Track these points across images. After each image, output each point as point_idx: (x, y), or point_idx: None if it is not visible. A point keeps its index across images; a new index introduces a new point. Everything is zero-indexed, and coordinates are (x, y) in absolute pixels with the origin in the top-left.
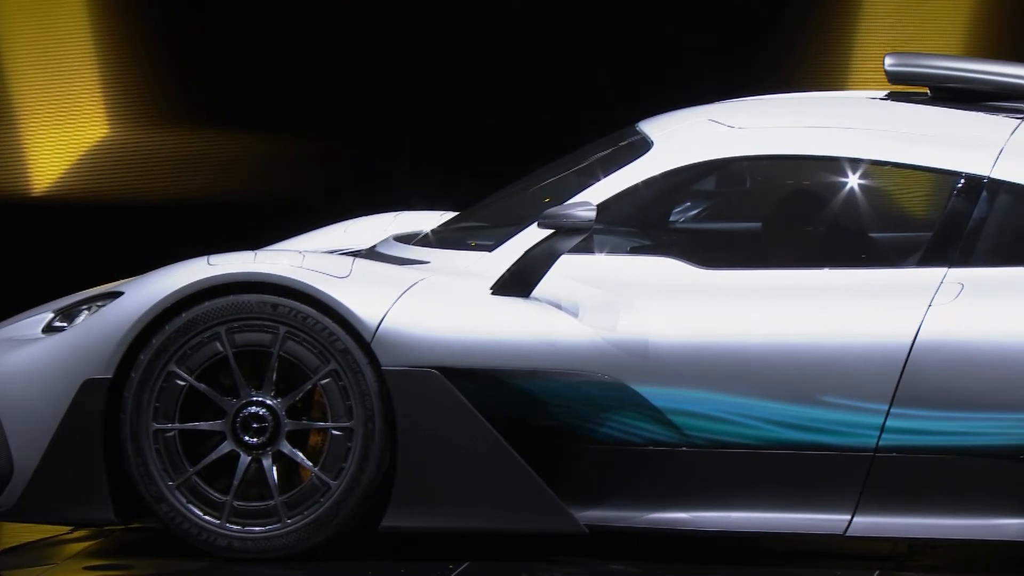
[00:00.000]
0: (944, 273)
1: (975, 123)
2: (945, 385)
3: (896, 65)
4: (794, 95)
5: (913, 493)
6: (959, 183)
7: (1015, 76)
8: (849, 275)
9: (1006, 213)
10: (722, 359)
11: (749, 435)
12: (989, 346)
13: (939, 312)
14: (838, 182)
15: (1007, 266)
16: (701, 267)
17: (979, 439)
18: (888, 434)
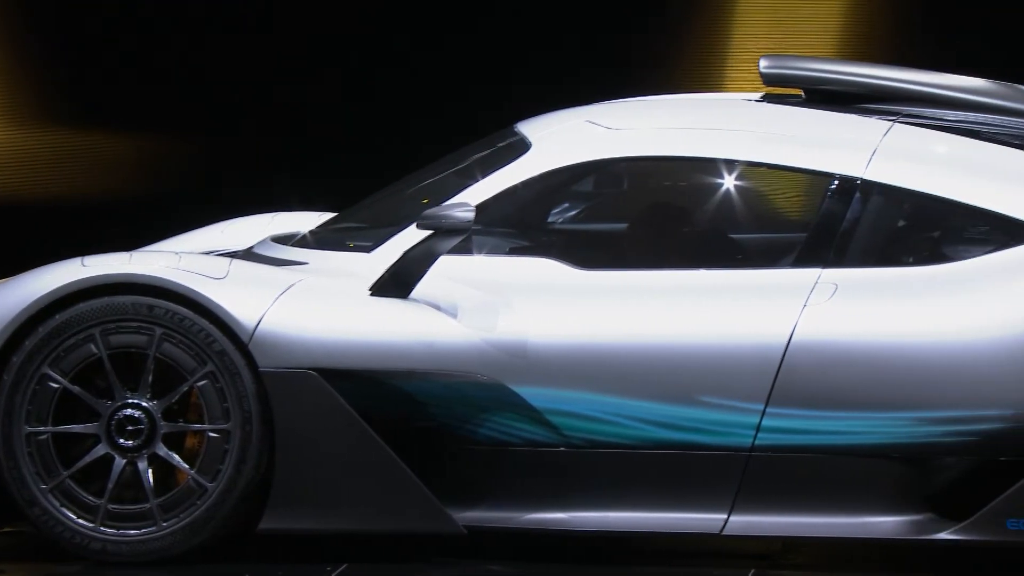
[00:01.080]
0: (819, 274)
1: (849, 125)
2: (819, 385)
3: (771, 67)
4: (671, 97)
5: (788, 492)
6: (833, 184)
7: (887, 79)
8: (725, 276)
9: (879, 214)
10: (600, 359)
11: (627, 435)
12: (862, 346)
13: (813, 312)
14: (714, 183)
15: (880, 266)
16: (579, 268)
17: (852, 438)
18: (763, 433)
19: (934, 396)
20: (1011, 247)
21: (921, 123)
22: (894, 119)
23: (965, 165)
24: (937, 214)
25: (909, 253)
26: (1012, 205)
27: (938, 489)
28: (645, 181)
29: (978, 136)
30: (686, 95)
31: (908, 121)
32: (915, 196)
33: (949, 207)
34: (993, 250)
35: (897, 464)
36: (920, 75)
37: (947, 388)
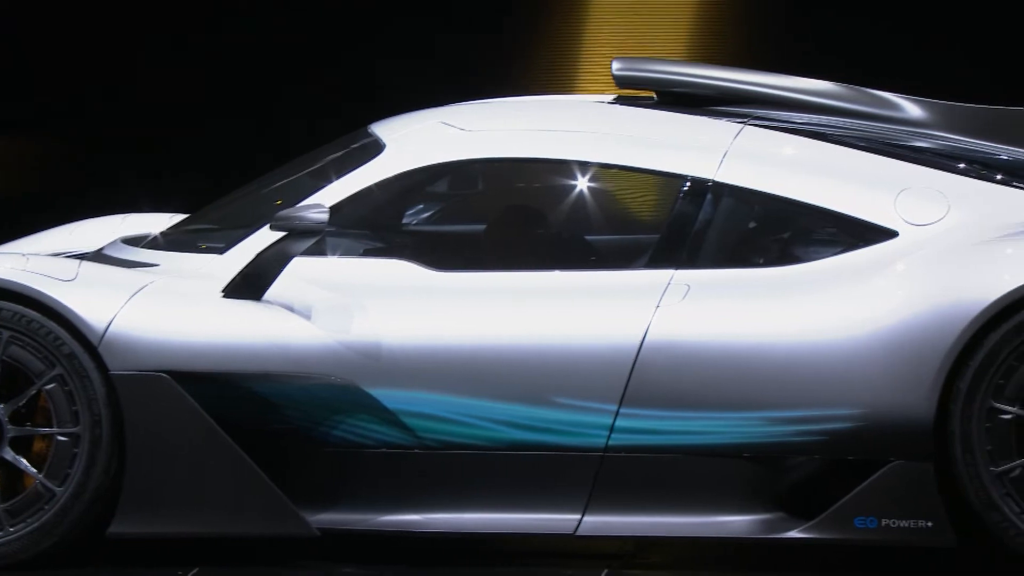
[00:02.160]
0: (671, 275)
1: (700, 127)
2: (672, 385)
3: (623, 70)
4: (525, 98)
5: (641, 492)
6: (685, 186)
7: (738, 81)
8: (579, 277)
9: (730, 215)
10: (454, 361)
11: (481, 436)
12: (713, 346)
13: (666, 313)
14: (568, 185)
15: (731, 267)
16: (433, 269)
17: (704, 438)
18: (617, 434)
19: (784, 396)
20: (858, 248)
21: (771, 125)
22: (744, 121)
23: (813, 167)
24: (786, 215)
25: (760, 254)
26: (858, 207)
27: (788, 488)
28: (499, 182)
29: (826, 138)
30: (540, 97)
31: (758, 123)
32: (765, 198)
33: (798, 209)
34: (841, 251)
35: (748, 464)
36: (770, 78)
37: (797, 388)
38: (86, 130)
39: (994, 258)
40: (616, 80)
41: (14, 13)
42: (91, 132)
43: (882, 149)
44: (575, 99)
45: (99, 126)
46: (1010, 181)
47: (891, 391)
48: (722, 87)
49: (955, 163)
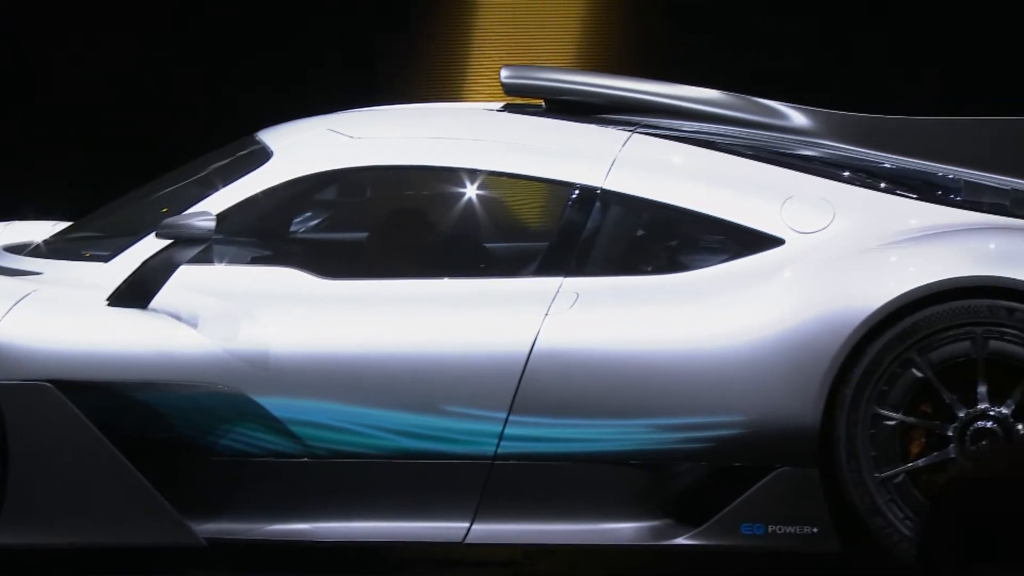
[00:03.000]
0: (560, 283)
1: (589, 135)
2: (561, 392)
3: (512, 77)
4: (413, 106)
5: (530, 500)
6: (574, 194)
7: (626, 90)
8: (468, 285)
9: (618, 223)
10: (342, 369)
11: (370, 445)
12: (602, 354)
13: (556, 321)
14: (456, 192)
15: (620, 275)
16: (322, 277)
17: (593, 445)
18: (506, 442)
19: (672, 403)
20: (744, 256)
21: (658, 134)
22: (632, 130)
23: (701, 175)
24: (674, 223)
25: (648, 262)
26: (745, 215)
27: (676, 495)
28: (388, 190)
29: (713, 147)
30: (428, 104)
31: (646, 132)
32: (653, 206)
33: (685, 216)
34: (728, 259)
35: (636, 471)
36: (658, 86)
37: (684, 395)
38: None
39: (878, 265)
40: (504, 88)
41: None
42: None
43: (769, 157)
44: (463, 107)
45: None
46: (894, 189)
47: (777, 398)
48: (610, 95)
49: (840, 171)
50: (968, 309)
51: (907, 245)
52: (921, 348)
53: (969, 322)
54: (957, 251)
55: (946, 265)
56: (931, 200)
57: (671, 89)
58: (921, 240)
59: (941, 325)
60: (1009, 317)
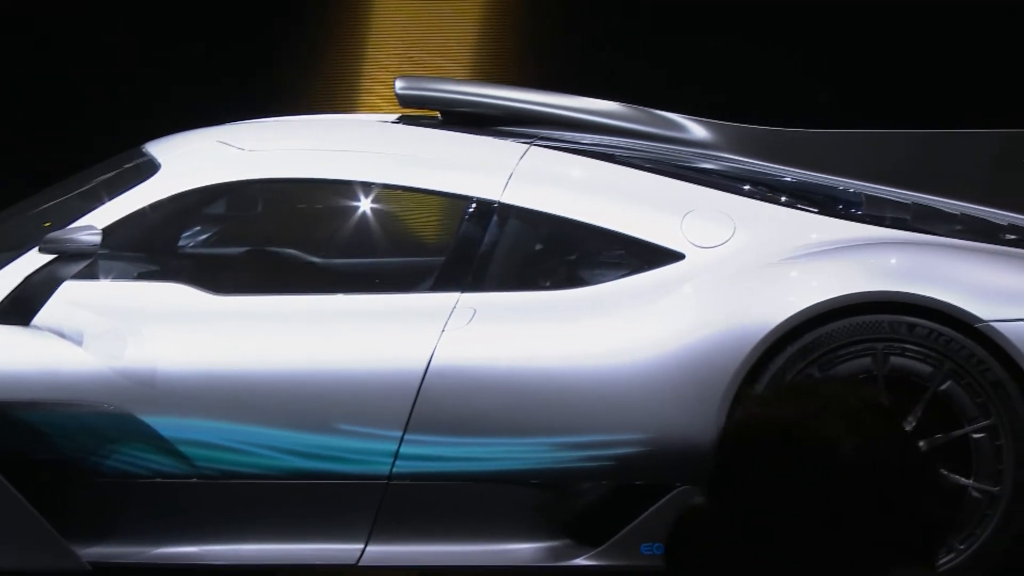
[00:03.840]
0: (457, 298)
1: (485, 148)
2: (458, 410)
3: (407, 88)
4: (306, 117)
5: (426, 520)
6: (470, 208)
7: (523, 101)
8: (362, 300)
9: (515, 238)
10: (233, 387)
11: (262, 465)
12: (499, 371)
13: (452, 337)
14: (351, 206)
15: (517, 290)
16: (211, 293)
17: (490, 464)
18: (402, 461)
19: (571, 421)
20: (644, 271)
21: (557, 146)
22: (530, 142)
23: (599, 188)
24: (573, 238)
25: (546, 277)
26: (645, 229)
27: (576, 515)
28: (279, 204)
29: (612, 159)
30: (320, 116)
31: (544, 144)
32: (551, 220)
33: (584, 231)
34: (628, 274)
35: (535, 490)
36: (556, 98)
37: (583, 413)
38: None
39: (779, 280)
40: (400, 99)
41: None
42: None
43: (668, 170)
44: (357, 118)
45: None
46: (795, 203)
47: (678, 415)
48: (508, 107)
49: (741, 185)
50: (869, 325)
51: (808, 260)
52: (822, 364)
53: (870, 338)
54: (858, 266)
55: (847, 280)
56: (832, 214)
57: (570, 101)
58: (822, 255)
59: (842, 341)
60: (910, 333)
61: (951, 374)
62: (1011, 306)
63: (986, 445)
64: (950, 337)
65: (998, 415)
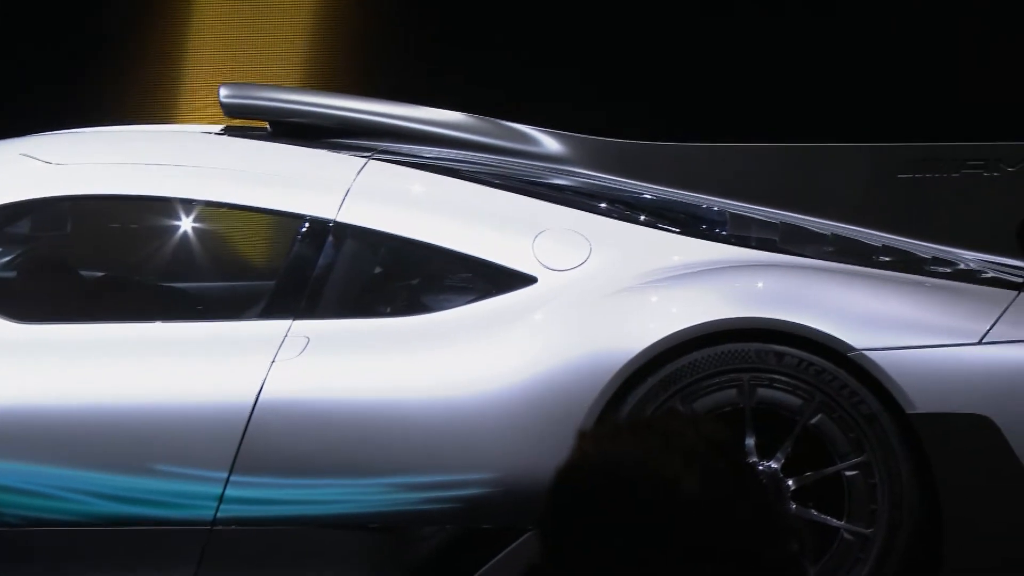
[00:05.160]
0: (289, 326)
1: (319, 162)
2: (289, 449)
3: (232, 97)
4: (121, 128)
5: (254, 568)
6: (303, 227)
7: (361, 111)
8: (185, 329)
9: (352, 260)
10: (38, 426)
11: (71, 511)
12: (335, 405)
13: (283, 369)
14: (171, 226)
15: (355, 317)
16: (13, 321)
17: (326, 507)
18: (227, 504)
19: (413, 460)
20: (493, 296)
21: (398, 160)
22: (368, 156)
23: (444, 206)
24: (416, 260)
25: (387, 303)
26: (493, 250)
27: (418, 561)
28: (91, 223)
29: (458, 175)
30: (136, 127)
31: (383, 158)
32: (392, 240)
33: (428, 252)
34: (475, 299)
35: (374, 535)
36: (396, 108)
37: (427, 451)
38: None
39: (639, 306)
40: (225, 109)
41: None
42: None
43: (519, 187)
44: (178, 130)
45: None
46: (655, 222)
47: (529, 453)
48: (343, 118)
49: (597, 203)
50: (735, 354)
51: (670, 284)
52: (685, 396)
53: (736, 368)
54: (723, 290)
55: (711, 306)
56: (695, 235)
57: (411, 111)
58: (685, 278)
59: (706, 371)
60: (779, 362)
61: (822, 407)
62: (886, 334)
63: (859, 483)
64: (821, 367)
65: (872, 451)
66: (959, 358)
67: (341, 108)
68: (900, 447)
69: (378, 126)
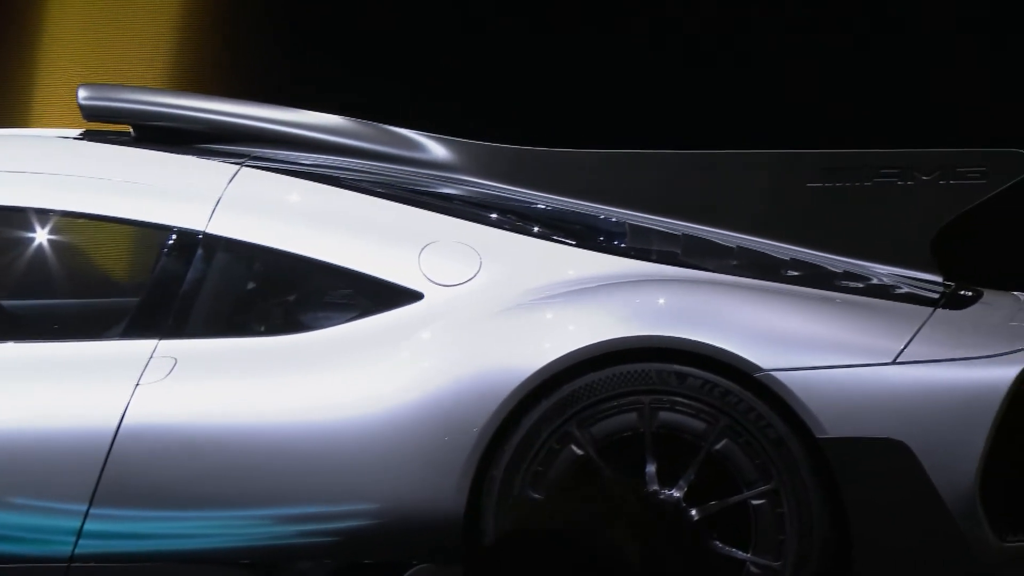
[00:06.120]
0: (155, 346)
1: (187, 169)
2: (155, 480)
3: (92, 99)
4: None
5: None
6: (170, 240)
7: (232, 115)
8: (40, 350)
9: (224, 275)
10: None
11: None
12: (205, 432)
13: (148, 393)
14: (24, 238)
15: (227, 337)
16: None
17: (194, 542)
18: (87, 540)
19: (289, 490)
20: (376, 313)
21: (273, 168)
22: (241, 162)
23: (324, 217)
24: (293, 275)
25: (261, 321)
26: (376, 264)
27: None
28: None
29: (338, 183)
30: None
31: (257, 165)
32: (267, 254)
33: (306, 267)
34: (356, 317)
35: (246, 571)
36: (271, 111)
37: (304, 480)
38: None
39: (532, 324)
40: (83, 111)
41: None
42: None
43: (403, 196)
44: (33, 134)
45: None
46: (550, 234)
47: (414, 482)
48: (213, 121)
49: (488, 213)
50: (635, 375)
51: (565, 300)
52: (582, 421)
53: (636, 390)
54: (621, 307)
55: (609, 324)
56: (592, 247)
57: (287, 114)
58: (581, 294)
59: (604, 394)
60: (681, 384)
61: (727, 431)
62: (795, 353)
63: (766, 513)
64: (726, 389)
65: (780, 478)
66: (872, 379)
67: (211, 111)
68: (809, 474)
69: (251, 131)
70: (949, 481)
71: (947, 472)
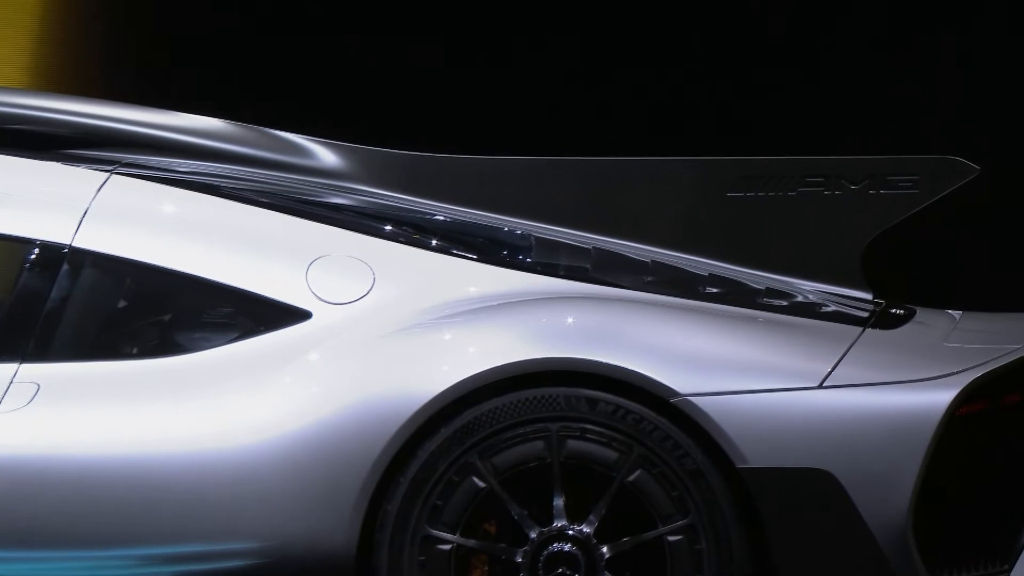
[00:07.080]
0: (15, 370)
1: (51, 177)
2: (13, 517)
3: None
4: None
5: None
6: (32, 255)
7: (100, 117)
8: None
9: (92, 292)
10: None
11: None
12: (71, 464)
13: (7, 422)
14: None
15: (94, 359)
16: None
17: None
18: None
19: (163, 527)
20: (260, 333)
21: (146, 175)
22: (111, 169)
23: (202, 229)
24: (168, 292)
25: (133, 342)
26: (259, 281)
27: None
28: None
29: (217, 192)
30: None
31: (129, 172)
32: (140, 270)
33: (182, 283)
34: (238, 337)
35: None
36: (143, 114)
37: (179, 517)
38: None
39: (430, 345)
40: None
41: None
42: None
43: (290, 207)
44: None
45: None
46: (449, 248)
47: (301, 517)
48: (80, 124)
49: (382, 225)
50: (542, 400)
51: (466, 319)
52: (484, 450)
53: (543, 417)
54: (527, 327)
55: (514, 345)
56: (496, 262)
57: (161, 117)
58: (483, 313)
59: (509, 421)
60: (591, 410)
61: (641, 461)
62: (714, 377)
63: (683, 549)
64: (640, 415)
65: (697, 512)
66: (797, 404)
67: (77, 113)
68: (730, 507)
69: (122, 135)
70: (879, 514)
71: (877, 504)
